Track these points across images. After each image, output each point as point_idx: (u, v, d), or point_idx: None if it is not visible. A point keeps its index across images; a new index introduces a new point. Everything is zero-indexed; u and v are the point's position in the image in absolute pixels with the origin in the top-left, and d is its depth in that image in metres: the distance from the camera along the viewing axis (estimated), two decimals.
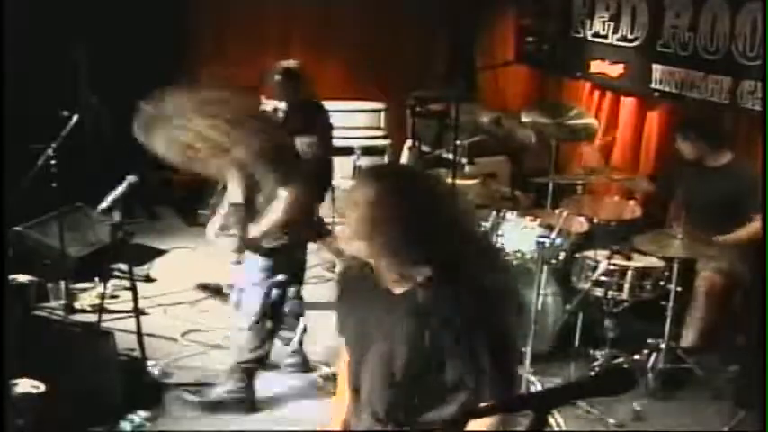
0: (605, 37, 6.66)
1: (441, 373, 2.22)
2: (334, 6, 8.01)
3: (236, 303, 4.37)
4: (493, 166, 7.09)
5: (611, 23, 6.58)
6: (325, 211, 6.87)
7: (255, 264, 4.21)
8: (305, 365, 4.78)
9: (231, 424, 4.25)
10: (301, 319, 4.77)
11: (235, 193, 4.16)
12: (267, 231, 4.11)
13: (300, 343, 4.78)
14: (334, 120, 7.49)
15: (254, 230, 4.11)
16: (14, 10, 5.40)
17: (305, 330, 4.77)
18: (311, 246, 5.06)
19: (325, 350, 4.80)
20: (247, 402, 4.35)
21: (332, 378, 4.32)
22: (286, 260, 4.32)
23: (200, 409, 4.28)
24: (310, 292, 5.16)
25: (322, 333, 4.79)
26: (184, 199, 7.25)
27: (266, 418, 4.34)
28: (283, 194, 4.05)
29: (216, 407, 4.29)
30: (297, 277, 4.66)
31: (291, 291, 4.64)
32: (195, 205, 7.01)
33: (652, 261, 4.77)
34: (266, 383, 4.53)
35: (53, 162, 5.23)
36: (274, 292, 4.29)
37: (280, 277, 4.30)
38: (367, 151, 6.87)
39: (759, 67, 5.13)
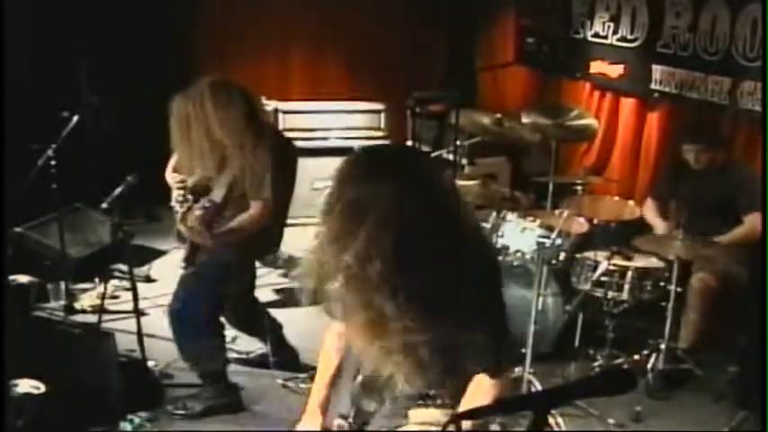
0: (605, 37, 6.66)
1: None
2: (334, 6, 8.01)
3: (179, 310, 4.28)
4: (493, 166, 7.10)
5: (611, 24, 6.58)
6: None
7: (208, 271, 4.20)
8: (292, 362, 4.73)
9: (231, 423, 4.25)
10: (265, 319, 4.75)
11: (217, 193, 4.16)
12: (234, 232, 4.11)
13: (279, 339, 4.76)
14: (335, 120, 7.49)
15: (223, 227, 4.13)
16: (15, 10, 5.42)
17: (280, 327, 4.77)
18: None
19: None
20: (233, 404, 4.35)
21: None
22: (240, 270, 4.35)
23: (188, 420, 4.27)
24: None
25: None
26: None
27: (254, 416, 4.33)
28: (256, 205, 4.08)
29: (203, 415, 4.28)
30: (251, 285, 4.67)
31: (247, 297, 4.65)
32: None
33: (652, 261, 4.77)
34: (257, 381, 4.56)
35: (53, 162, 5.22)
36: (224, 299, 4.31)
37: (232, 285, 4.32)
38: None
39: (759, 67, 5.13)
